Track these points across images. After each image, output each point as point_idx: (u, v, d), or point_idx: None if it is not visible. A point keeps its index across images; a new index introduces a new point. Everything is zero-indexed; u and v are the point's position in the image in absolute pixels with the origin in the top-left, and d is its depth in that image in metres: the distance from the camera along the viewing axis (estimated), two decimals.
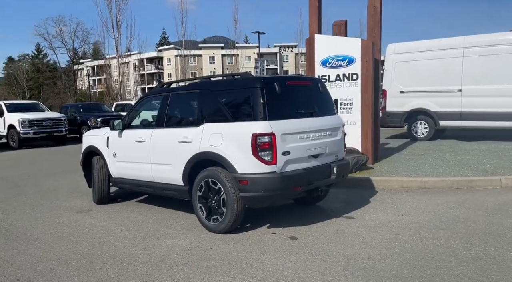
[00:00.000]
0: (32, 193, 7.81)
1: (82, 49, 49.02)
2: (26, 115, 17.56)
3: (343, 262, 3.93)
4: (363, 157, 7.91)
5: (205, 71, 67.12)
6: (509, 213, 5.33)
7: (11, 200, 7.21)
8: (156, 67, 72.93)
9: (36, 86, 65.62)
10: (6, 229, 5.42)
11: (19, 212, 6.36)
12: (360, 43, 8.38)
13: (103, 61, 40.83)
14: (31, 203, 6.97)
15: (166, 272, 3.81)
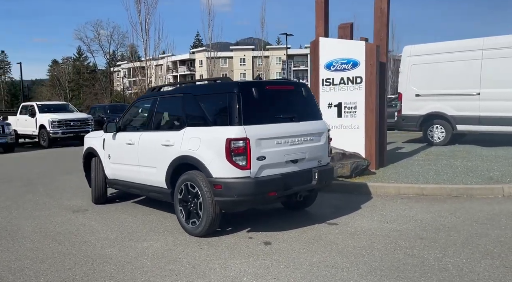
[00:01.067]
0: (41, 191, 8.16)
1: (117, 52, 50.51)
2: (56, 116, 18.32)
3: (306, 269, 3.92)
4: (364, 162, 7.80)
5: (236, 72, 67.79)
6: (500, 223, 5.13)
7: (20, 198, 7.56)
8: (188, 69, 74.25)
9: (77, 88, 68.21)
10: (2, 226, 5.70)
11: (21, 209, 6.67)
12: (364, 46, 8.28)
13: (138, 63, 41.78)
14: (36, 201, 7.29)
15: (130, 274, 3.92)
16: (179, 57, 72.29)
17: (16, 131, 20.40)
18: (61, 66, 71.84)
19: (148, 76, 32.57)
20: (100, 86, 57.70)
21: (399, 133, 15.30)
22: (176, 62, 73.63)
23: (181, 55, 73.15)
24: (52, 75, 70.40)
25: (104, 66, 58.52)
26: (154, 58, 44.25)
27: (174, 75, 69.99)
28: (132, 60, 42.58)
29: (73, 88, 66.56)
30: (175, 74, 71.22)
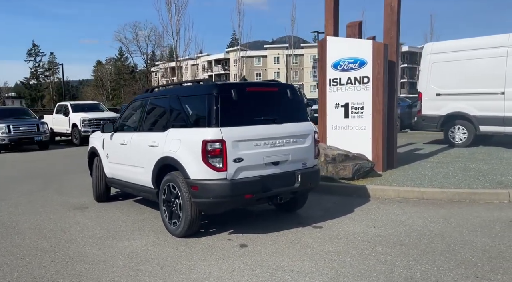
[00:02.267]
0: (55, 188, 8.52)
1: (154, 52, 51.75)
2: (86, 115, 19.02)
3: (270, 273, 3.89)
4: (367, 164, 7.63)
5: (269, 71, 67.85)
6: (491, 231, 4.90)
7: (32, 194, 7.93)
8: (223, 68, 75.16)
9: (118, 87, 70.58)
10: (4, 221, 6.00)
11: (28, 206, 6.99)
12: (372, 45, 8.09)
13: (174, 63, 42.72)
14: (46, 197, 7.62)
15: (98, 273, 4.03)
16: (214, 56, 73.21)
17: (52, 129, 21.37)
18: (105, 66, 74.63)
19: (178, 75, 33.03)
20: (139, 86, 59.24)
21: (424, 134, 14.82)
22: (212, 61, 74.57)
23: (216, 55, 74.09)
24: (96, 76, 73.22)
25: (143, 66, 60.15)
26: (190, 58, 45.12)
27: (209, 74, 70.98)
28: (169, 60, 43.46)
29: (115, 88, 68.99)
30: (210, 74, 72.25)
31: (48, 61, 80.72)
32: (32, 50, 79.60)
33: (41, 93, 79.25)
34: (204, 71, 71.73)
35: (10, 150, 17.68)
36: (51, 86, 76.32)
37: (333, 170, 7.48)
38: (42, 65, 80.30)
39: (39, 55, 79.96)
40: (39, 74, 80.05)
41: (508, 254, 4.17)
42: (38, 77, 79.90)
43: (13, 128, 17.18)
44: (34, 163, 13.25)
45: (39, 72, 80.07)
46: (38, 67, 79.85)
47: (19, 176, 10.57)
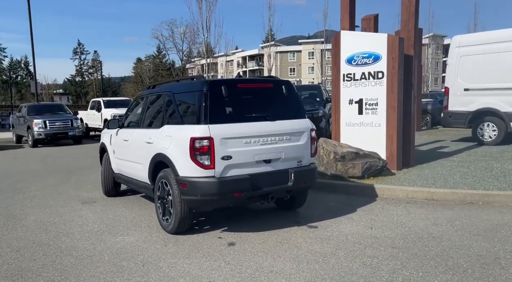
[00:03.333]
0: (73, 182, 8.80)
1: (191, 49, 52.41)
2: (117, 111, 19.53)
3: (248, 274, 3.83)
4: (378, 162, 7.38)
5: (304, 66, 67.24)
6: (496, 236, 4.61)
7: (49, 188, 8.21)
8: (257, 64, 75.16)
9: None
10: (15, 214, 6.24)
11: (43, 199, 7.25)
12: (386, 39, 7.80)
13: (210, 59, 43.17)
14: (61, 191, 7.88)
15: (82, 267, 4.09)
16: (248, 52, 73.33)
17: (87, 124, 22.15)
18: (144, 63, 76.49)
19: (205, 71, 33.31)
20: None
21: (454, 131, 14.19)
22: (246, 57, 74.65)
23: (251, 51, 74.20)
24: (136, 72, 75.19)
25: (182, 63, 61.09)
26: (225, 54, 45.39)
27: (243, 70, 71.09)
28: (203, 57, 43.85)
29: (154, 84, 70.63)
30: (244, 70, 72.37)
31: (92, 59, 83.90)
32: (78, 49, 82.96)
33: (85, 89, 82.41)
34: (239, 67, 72.03)
35: (47, 144, 18.46)
36: (95, 83, 79.14)
37: (342, 168, 7.29)
38: (86, 63, 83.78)
39: (83, 53, 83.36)
40: (83, 71, 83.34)
41: (504, 261, 3.90)
42: (83, 75, 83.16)
43: (49, 123, 17.92)
44: (63, 157, 13.75)
45: (84, 70, 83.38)
46: (83, 65, 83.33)
47: (46, 169, 10.99)
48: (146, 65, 74.28)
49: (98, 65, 77.35)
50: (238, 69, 69.59)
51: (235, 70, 65.86)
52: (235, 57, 70.97)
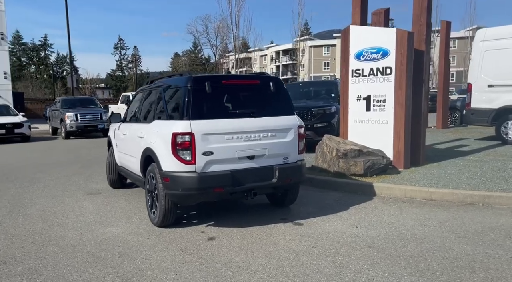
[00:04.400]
0: (87, 174, 9.13)
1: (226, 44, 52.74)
2: None
3: (215, 268, 3.88)
4: (381, 160, 7.23)
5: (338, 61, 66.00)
6: (482, 239, 4.44)
7: (64, 178, 8.57)
8: (290, 58, 74.65)
9: None
10: (24, 202, 6.56)
11: (53, 189, 7.59)
12: (395, 34, 7.60)
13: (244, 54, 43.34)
14: (73, 182, 8.20)
15: (62, 256, 4.26)
16: (282, 47, 72.91)
17: None
18: (181, 58, 77.90)
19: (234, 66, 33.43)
20: None
21: (481, 129, 13.63)
22: (279, 52, 74.20)
23: (285, 45, 73.79)
24: (173, 67, 76.66)
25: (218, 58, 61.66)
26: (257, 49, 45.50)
27: (277, 65, 70.66)
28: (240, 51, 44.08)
29: None
30: (277, 64, 71.93)
31: (131, 54, 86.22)
32: (118, 44, 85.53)
33: (125, 84, 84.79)
34: (272, 62, 71.86)
35: (78, 136, 19.20)
36: (134, 78, 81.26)
37: (344, 166, 7.20)
38: (126, 58, 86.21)
39: (124, 49, 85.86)
40: (123, 66, 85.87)
41: (479, 265, 3.76)
42: (123, 69, 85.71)
43: (80, 116, 18.61)
44: (89, 149, 14.25)
45: (124, 65, 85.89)
46: (123, 60, 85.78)
47: (69, 160, 11.45)
48: (182, 60, 75.62)
49: (137, 60, 79.40)
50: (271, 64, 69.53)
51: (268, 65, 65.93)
52: (268, 52, 70.87)
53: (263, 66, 60.36)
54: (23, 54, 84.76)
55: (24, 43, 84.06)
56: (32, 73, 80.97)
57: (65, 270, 3.92)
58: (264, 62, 63.13)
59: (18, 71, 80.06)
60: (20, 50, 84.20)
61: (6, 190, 7.69)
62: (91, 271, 3.88)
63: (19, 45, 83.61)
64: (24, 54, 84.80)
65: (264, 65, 62.25)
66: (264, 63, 62.85)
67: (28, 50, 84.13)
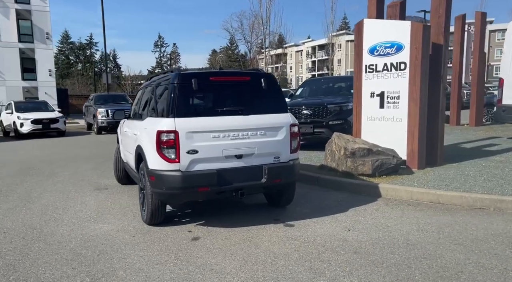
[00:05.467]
0: (102, 169, 9.31)
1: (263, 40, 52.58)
2: None
3: (188, 270, 3.78)
4: (392, 160, 6.89)
5: None
6: (481, 247, 4.11)
7: (79, 173, 8.76)
8: (326, 53, 73.32)
9: None
10: (33, 196, 6.74)
11: (66, 183, 7.77)
12: (410, 27, 7.21)
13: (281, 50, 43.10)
14: (85, 177, 8.38)
15: (44, 253, 4.29)
16: (318, 42, 71.73)
17: None
18: (219, 55, 78.58)
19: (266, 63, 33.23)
20: None
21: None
22: (315, 47, 72.93)
23: (321, 40, 72.49)
24: (211, 64, 77.51)
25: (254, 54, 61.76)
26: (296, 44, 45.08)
27: (312, 60, 69.48)
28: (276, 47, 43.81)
29: None
30: (313, 60, 70.77)
31: (171, 51, 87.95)
32: (158, 42, 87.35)
33: None
34: (308, 57, 70.74)
35: (109, 131, 19.69)
36: None
37: (352, 165, 6.92)
38: (166, 55, 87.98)
39: (163, 46, 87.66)
40: (163, 63, 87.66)
41: (466, 275, 3.47)
42: (162, 66, 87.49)
43: (110, 112, 19.07)
44: None
45: (163, 62, 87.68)
46: (162, 57, 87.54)
47: (91, 155, 11.75)
48: (220, 57, 76.26)
49: (176, 57, 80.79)
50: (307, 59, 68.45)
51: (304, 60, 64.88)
52: (304, 47, 69.76)
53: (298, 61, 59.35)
54: (71, 53, 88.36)
55: (72, 42, 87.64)
56: (79, 70, 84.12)
57: (41, 267, 3.94)
58: (300, 58, 62.07)
59: (67, 69, 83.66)
60: (68, 49, 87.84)
61: (22, 184, 7.94)
62: (65, 269, 3.88)
63: (67, 44, 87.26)
64: (72, 53, 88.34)
65: (299, 60, 61.19)
66: (300, 58, 61.81)
67: (76, 48, 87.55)
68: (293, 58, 53.72)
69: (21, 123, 18.67)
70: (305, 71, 56.86)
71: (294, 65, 51.04)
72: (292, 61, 60.14)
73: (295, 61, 51.36)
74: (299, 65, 64.60)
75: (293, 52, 49.67)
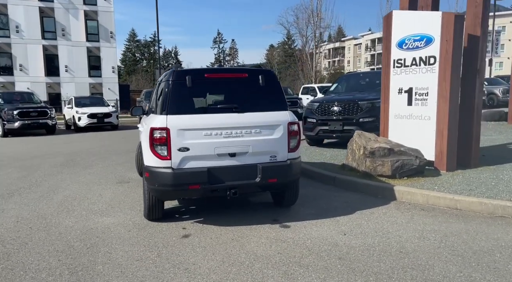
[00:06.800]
0: (132, 162, 9.58)
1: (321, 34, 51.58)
2: None
3: (163, 268, 3.77)
4: (414, 161, 6.47)
5: None
6: (481, 260, 3.74)
7: (110, 166, 9.10)
8: None
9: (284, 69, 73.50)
10: (60, 187, 7.08)
11: (94, 175, 8.11)
12: (441, 18, 6.72)
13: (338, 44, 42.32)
14: (115, 170, 8.69)
15: (41, 243, 4.46)
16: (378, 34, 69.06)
17: None
18: (276, 50, 78.57)
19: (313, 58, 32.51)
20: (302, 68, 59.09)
21: None
22: (375, 40, 70.22)
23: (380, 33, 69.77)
24: (267, 59, 77.72)
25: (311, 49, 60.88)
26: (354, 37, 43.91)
27: (371, 54, 66.97)
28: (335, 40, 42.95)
29: (281, 70, 72.19)
30: (372, 53, 68.22)
31: (229, 47, 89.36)
32: (217, 38, 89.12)
33: None
34: (367, 51, 68.33)
35: None
36: None
37: (370, 165, 6.59)
38: (224, 51, 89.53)
39: (222, 42, 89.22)
40: (221, 59, 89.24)
41: None
42: (221, 62, 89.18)
43: None
44: None
45: (221, 58, 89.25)
46: (221, 53, 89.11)
47: (128, 149, 12.16)
48: (276, 52, 76.14)
49: (234, 53, 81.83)
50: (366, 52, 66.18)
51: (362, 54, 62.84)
52: (363, 40, 67.61)
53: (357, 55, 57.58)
54: (137, 50, 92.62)
55: (138, 40, 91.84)
56: (143, 67, 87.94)
57: (31, 257, 4.10)
58: (358, 51, 60.13)
59: (133, 66, 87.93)
60: (135, 47, 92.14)
61: (57, 175, 8.40)
62: (51, 261, 4.01)
63: (134, 42, 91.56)
64: (138, 50, 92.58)
65: (358, 54, 59.29)
66: (358, 52, 59.89)
67: (141, 46, 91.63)
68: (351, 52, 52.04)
69: (79, 117, 19.82)
70: (363, 65, 55.00)
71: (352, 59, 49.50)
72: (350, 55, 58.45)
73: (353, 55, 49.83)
74: (357, 59, 62.61)
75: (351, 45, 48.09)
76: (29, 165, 9.76)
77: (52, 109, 19.30)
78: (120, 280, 3.56)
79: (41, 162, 10.13)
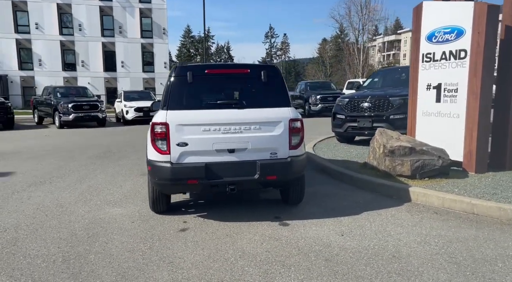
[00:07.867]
0: None
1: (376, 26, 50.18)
2: None
3: (149, 260, 3.83)
4: (436, 161, 6.11)
5: None
6: (479, 269, 3.47)
7: (132, 161, 9.38)
8: None
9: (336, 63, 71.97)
10: (88, 177, 7.40)
11: (123, 167, 8.38)
12: (473, 8, 6.29)
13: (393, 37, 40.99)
14: (133, 164, 8.88)
15: (45, 233, 4.65)
16: None
17: None
18: (328, 44, 77.23)
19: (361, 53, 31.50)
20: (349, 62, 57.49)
21: None
22: None
23: None
24: (319, 53, 76.62)
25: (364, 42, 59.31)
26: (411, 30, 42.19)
27: None
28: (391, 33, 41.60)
29: (333, 64, 70.73)
30: None
31: (281, 42, 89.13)
32: (269, 33, 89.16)
33: None
34: None
35: None
36: (281, 65, 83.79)
37: (390, 164, 6.31)
38: (276, 45, 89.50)
39: (273, 37, 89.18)
40: (272, 54, 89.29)
41: None
42: (272, 57, 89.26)
43: None
44: None
45: (273, 52, 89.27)
46: (272, 48, 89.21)
47: None
48: (329, 46, 74.75)
49: (286, 48, 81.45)
50: None
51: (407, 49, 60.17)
52: None
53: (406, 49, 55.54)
54: (191, 46, 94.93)
55: (193, 36, 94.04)
56: (198, 62, 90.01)
57: (35, 243, 4.30)
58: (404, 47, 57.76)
59: (188, 61, 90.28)
60: (189, 43, 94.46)
61: (90, 165, 8.79)
62: (51, 248, 4.19)
63: (188, 38, 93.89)
64: (192, 46, 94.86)
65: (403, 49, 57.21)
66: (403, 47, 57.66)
67: (195, 42, 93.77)
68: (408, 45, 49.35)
69: (126, 111, 20.62)
70: None
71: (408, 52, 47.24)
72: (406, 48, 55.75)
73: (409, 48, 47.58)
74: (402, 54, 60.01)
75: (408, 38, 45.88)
76: (70, 155, 10.28)
77: (102, 102, 20.22)
78: (105, 270, 3.65)
79: (80, 153, 10.64)
